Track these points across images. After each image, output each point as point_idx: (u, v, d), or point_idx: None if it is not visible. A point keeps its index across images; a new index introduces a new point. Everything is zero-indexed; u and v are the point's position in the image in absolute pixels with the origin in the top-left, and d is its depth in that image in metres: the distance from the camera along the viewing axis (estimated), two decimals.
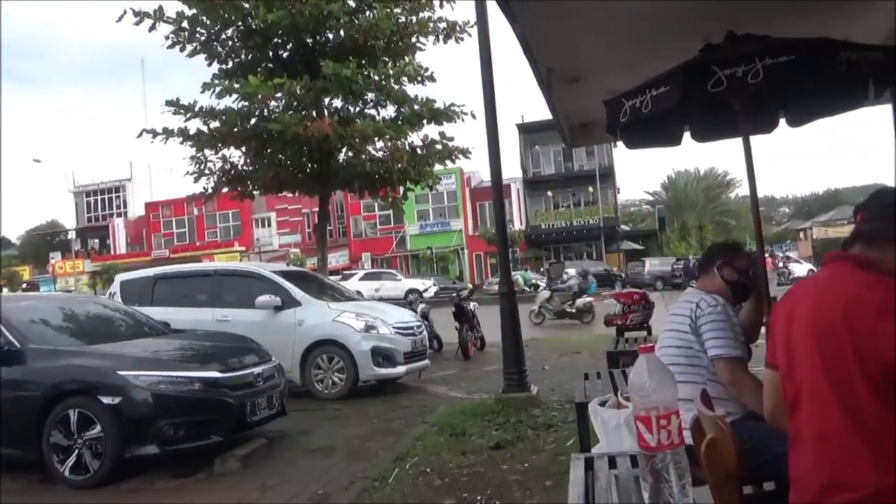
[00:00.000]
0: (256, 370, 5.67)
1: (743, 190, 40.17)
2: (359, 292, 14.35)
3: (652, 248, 38.12)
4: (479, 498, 4.06)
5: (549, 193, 40.23)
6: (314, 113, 12.81)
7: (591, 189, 38.31)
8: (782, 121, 5.19)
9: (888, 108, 5.83)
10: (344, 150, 12.98)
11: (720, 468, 1.56)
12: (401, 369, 8.06)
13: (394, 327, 8.18)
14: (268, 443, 5.73)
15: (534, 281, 28.35)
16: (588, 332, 13.99)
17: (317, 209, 14.20)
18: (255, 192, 13.86)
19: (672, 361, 2.70)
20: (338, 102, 13.42)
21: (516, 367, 6.57)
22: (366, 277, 29.35)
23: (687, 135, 5.42)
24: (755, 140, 4.57)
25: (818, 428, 1.62)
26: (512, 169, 41.22)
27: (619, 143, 5.42)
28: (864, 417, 1.53)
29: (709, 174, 41.60)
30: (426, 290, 28.52)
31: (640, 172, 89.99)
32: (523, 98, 60.38)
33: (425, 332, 9.08)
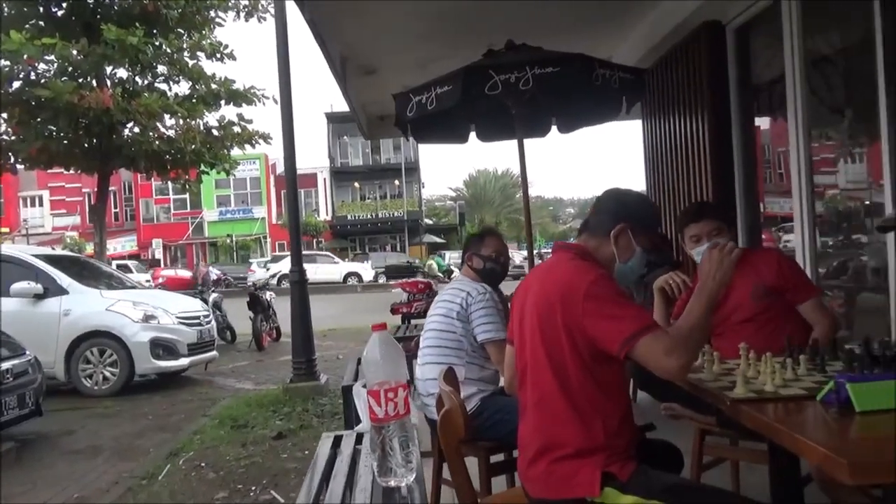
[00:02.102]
0: (3, 365, 5.01)
1: (534, 190, 43.56)
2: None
3: (452, 242, 39.85)
4: (253, 488, 3.97)
5: (356, 184, 40.28)
6: (94, 82, 11.58)
7: (397, 182, 39.01)
8: (555, 127, 5.75)
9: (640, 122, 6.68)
10: (129, 125, 11.89)
11: (453, 436, 1.69)
12: (184, 361, 7.59)
13: (177, 317, 7.68)
14: (18, 446, 5.10)
15: (450, 267, 27.47)
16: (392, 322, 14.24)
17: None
18: (18, 166, 12.20)
19: (435, 343, 2.85)
20: (123, 73, 12.25)
21: (306, 356, 6.52)
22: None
23: (474, 134, 5.79)
24: (548, 144, 4.99)
25: (538, 396, 1.82)
26: (320, 158, 40.69)
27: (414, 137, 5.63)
28: (572, 386, 1.75)
29: (505, 174, 44.52)
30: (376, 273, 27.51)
31: (445, 169, 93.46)
32: (334, 87, 59.67)
33: (213, 323, 8.65)
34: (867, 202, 4.39)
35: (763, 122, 5.36)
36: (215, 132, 12.60)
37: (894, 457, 1.21)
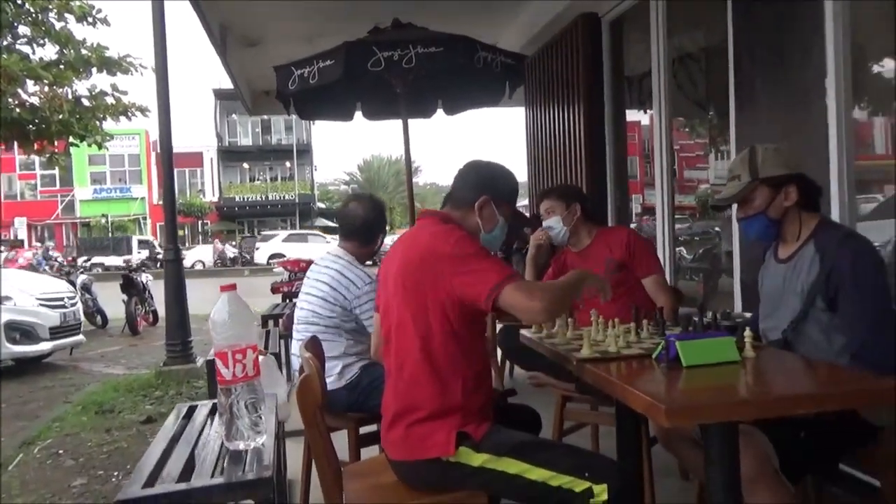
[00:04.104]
0: None
1: (428, 176, 43.81)
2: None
3: None
4: (116, 474, 3.77)
5: (246, 165, 38.89)
6: None
7: (288, 164, 38.01)
8: (441, 109, 5.80)
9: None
10: None
11: (310, 403, 1.68)
12: (45, 346, 7.05)
13: (37, 299, 7.11)
14: None
15: None
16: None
17: None
18: None
19: (314, 321, 2.77)
20: None
21: (181, 338, 6.24)
22: (289, 239, 27.44)
23: (361, 114, 5.74)
24: (442, 132, 5.02)
25: (400, 360, 1.84)
26: (207, 137, 38.84)
27: (318, 119, 5.49)
28: (434, 348, 1.79)
29: (399, 160, 44.41)
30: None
31: (339, 153, 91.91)
32: None
33: (79, 305, 8.08)
34: None
35: (645, 118, 5.67)
36: (85, 101, 11.68)
37: (704, 402, 1.34)
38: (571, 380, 2.74)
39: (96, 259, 26.47)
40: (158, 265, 27.45)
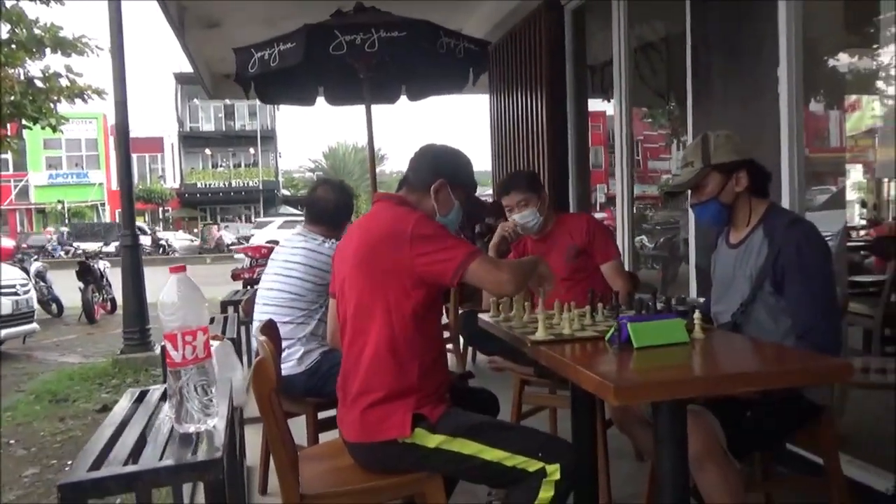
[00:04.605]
0: None
1: (394, 164, 43.56)
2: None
3: None
4: (69, 463, 3.69)
5: (208, 151, 38.08)
6: None
7: (252, 150, 37.39)
8: (405, 96, 5.77)
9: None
10: None
11: (265, 385, 1.66)
12: None
13: None
14: None
15: None
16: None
17: None
18: None
19: (280, 303, 2.74)
20: None
21: (139, 325, 6.13)
22: (284, 226, 26.62)
23: (324, 99, 5.67)
24: (408, 121, 4.96)
25: (358, 342, 1.84)
26: (168, 122, 38.02)
27: (290, 106, 5.40)
28: (393, 330, 1.79)
29: (366, 147, 43.64)
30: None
31: (304, 140, 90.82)
32: None
33: (33, 293, 7.86)
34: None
35: (610, 108, 5.72)
36: (39, 83, 11.32)
37: (651, 380, 1.37)
38: (530, 364, 2.77)
39: (87, 246, 25.85)
40: (162, 251, 27.09)
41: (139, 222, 31.15)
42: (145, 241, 28.89)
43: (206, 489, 1.38)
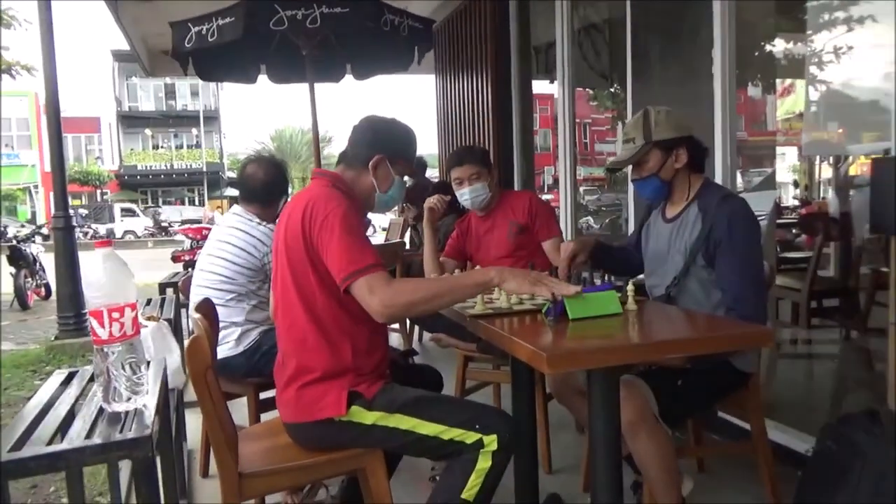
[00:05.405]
0: None
1: (339, 146, 43.01)
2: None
3: None
4: None
5: (148, 132, 36.81)
6: None
7: (195, 131, 36.31)
8: (350, 75, 5.68)
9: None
10: None
11: (200, 363, 1.63)
12: None
13: None
14: None
15: None
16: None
17: None
18: None
19: (218, 286, 2.67)
20: None
21: (74, 309, 5.91)
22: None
23: (266, 77, 5.52)
24: (357, 103, 4.84)
25: (288, 322, 1.81)
26: (106, 101, 36.48)
27: (230, 85, 5.22)
28: (318, 311, 1.76)
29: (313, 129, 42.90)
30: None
31: (250, 120, 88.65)
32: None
33: None
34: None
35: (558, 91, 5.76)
36: None
37: (582, 348, 1.40)
38: (473, 340, 2.79)
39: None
40: (164, 234, 26.07)
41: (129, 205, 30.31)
42: (147, 223, 28.06)
43: (135, 469, 1.35)
